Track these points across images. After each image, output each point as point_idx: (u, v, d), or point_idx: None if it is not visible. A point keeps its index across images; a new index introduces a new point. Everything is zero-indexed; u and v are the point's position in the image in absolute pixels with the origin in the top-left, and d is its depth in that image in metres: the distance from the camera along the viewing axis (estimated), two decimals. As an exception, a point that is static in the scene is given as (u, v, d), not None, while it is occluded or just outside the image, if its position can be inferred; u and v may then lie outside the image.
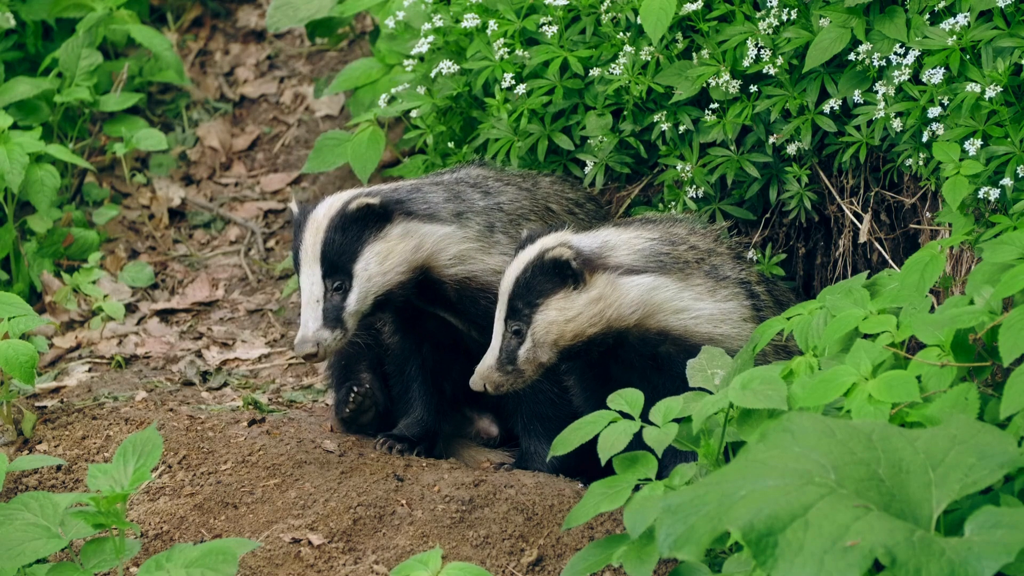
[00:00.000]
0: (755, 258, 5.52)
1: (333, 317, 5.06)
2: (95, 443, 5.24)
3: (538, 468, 5.26)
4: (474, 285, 5.22)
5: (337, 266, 5.07)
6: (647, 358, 4.93)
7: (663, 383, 4.78)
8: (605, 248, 4.93)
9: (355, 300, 5.08)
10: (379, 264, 5.11)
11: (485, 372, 4.91)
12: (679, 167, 5.51)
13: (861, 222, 5.48)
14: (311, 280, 5.07)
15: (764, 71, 5.31)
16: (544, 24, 5.67)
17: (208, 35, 7.99)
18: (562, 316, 4.85)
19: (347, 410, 5.39)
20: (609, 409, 4.32)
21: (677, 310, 4.90)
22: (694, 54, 5.47)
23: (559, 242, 4.90)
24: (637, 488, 4.15)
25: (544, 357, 4.87)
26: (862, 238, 5.48)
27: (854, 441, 3.52)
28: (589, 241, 4.95)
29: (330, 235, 5.09)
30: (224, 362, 6.27)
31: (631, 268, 4.91)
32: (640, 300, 4.88)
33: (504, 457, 5.51)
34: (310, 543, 4.74)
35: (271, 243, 7.02)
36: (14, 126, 6.57)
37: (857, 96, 5.19)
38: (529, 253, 4.93)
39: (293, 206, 5.24)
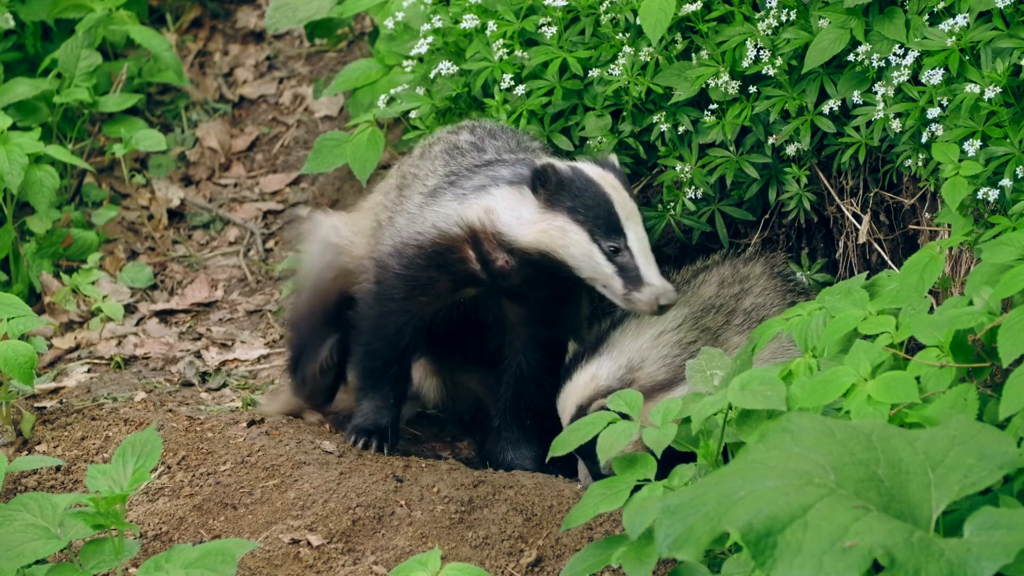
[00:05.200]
0: (796, 272, 5.52)
1: None
2: (94, 444, 5.24)
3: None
4: None
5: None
6: None
7: None
8: (631, 371, 4.92)
9: None
10: None
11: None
12: (678, 168, 5.51)
13: (860, 223, 5.48)
14: (644, 232, 4.97)
15: (763, 72, 5.31)
16: (543, 25, 5.67)
17: (207, 36, 7.99)
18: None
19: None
20: None
21: None
22: (693, 55, 5.47)
23: (593, 392, 4.89)
24: (636, 489, 4.15)
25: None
26: (861, 239, 5.48)
27: (853, 442, 3.52)
28: (613, 368, 4.93)
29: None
30: (223, 363, 6.27)
31: (664, 383, 4.90)
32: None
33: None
34: (309, 544, 4.74)
35: (270, 244, 7.02)
36: (13, 127, 6.56)
37: (856, 97, 5.20)
38: (570, 402, 4.95)
39: (559, 162, 5.06)
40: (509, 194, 5.03)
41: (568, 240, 4.95)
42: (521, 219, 5.00)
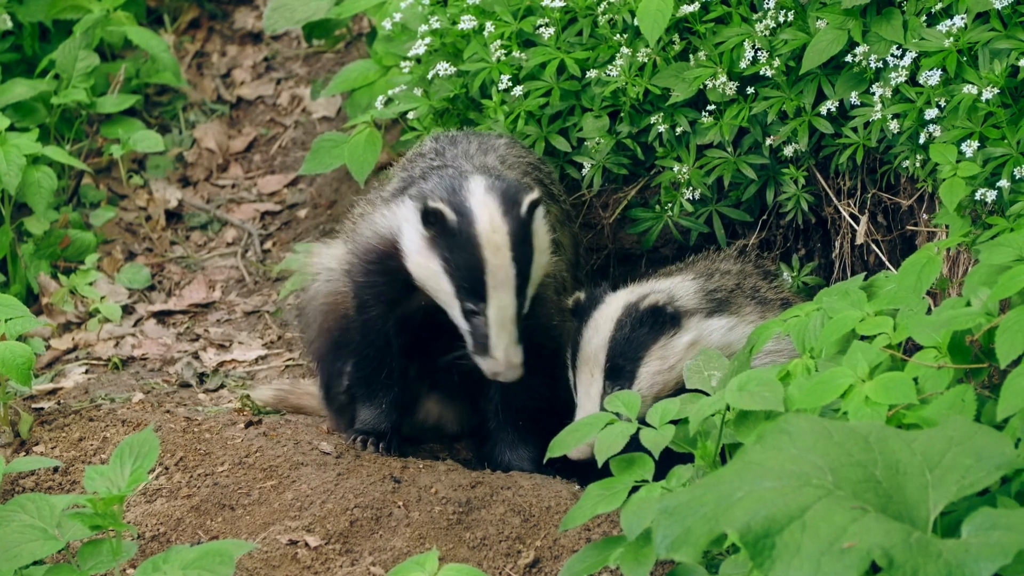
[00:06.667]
0: (783, 273, 5.52)
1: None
2: (92, 445, 5.24)
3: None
4: None
5: (524, 289, 4.98)
6: None
7: None
8: (675, 294, 4.93)
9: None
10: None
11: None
12: (676, 169, 5.51)
13: (858, 224, 5.48)
14: (510, 300, 4.95)
15: (761, 73, 5.32)
16: (541, 26, 5.67)
17: (205, 37, 7.99)
18: (665, 365, 4.87)
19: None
20: None
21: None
22: (691, 56, 5.47)
23: (641, 294, 4.89)
24: (634, 490, 4.15)
25: (644, 411, 4.40)
26: (859, 240, 5.48)
27: (851, 443, 3.52)
28: (654, 289, 4.95)
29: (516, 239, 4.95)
30: (221, 363, 6.26)
31: (702, 309, 4.92)
32: (722, 341, 4.90)
33: None
34: (307, 545, 4.74)
35: (268, 244, 7.02)
36: (11, 128, 6.56)
37: (854, 98, 5.20)
38: (612, 310, 4.91)
39: (448, 211, 4.96)
40: (411, 213, 5.03)
41: (439, 287, 5.00)
42: (412, 245, 5.03)
